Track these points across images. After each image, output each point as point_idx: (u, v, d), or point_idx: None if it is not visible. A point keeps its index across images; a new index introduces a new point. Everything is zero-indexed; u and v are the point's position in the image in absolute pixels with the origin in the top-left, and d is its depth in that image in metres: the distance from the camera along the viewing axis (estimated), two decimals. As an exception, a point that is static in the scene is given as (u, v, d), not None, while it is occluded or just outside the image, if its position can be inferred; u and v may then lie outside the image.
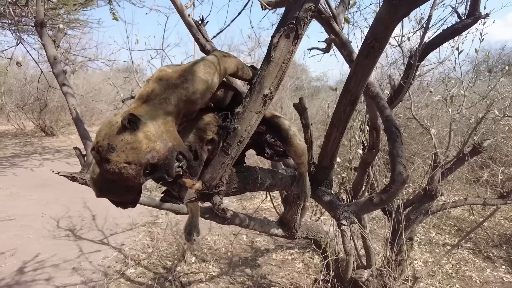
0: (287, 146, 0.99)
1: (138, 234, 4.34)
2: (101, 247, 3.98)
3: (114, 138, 0.67)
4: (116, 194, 0.77)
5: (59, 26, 1.64)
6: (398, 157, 1.04)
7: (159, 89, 0.77)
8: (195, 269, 3.63)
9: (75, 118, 1.61)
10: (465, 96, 3.10)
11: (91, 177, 0.78)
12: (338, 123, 1.02)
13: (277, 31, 0.81)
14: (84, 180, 1.60)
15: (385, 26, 0.80)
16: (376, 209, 1.27)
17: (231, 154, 0.84)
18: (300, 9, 0.79)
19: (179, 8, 1.34)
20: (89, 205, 5.20)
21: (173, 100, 0.76)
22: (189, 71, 0.80)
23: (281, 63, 0.81)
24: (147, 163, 0.68)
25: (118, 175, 0.67)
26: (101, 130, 0.70)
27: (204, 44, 1.38)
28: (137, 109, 0.75)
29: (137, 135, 0.67)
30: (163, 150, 0.69)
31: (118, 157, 0.66)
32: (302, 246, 4.28)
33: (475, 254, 4.19)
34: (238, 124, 0.83)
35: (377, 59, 0.87)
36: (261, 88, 0.82)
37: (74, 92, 1.66)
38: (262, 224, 1.98)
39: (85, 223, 4.63)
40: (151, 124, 0.70)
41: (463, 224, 4.92)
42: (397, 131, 1.09)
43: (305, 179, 1.12)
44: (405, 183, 1.04)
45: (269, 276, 3.59)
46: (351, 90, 0.93)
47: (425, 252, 4.20)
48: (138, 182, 0.69)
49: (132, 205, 0.82)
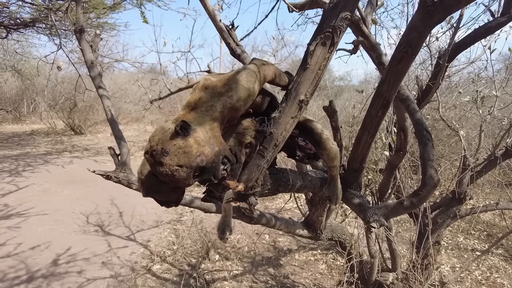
0: (320, 150, 1.01)
1: (164, 231, 4.45)
2: (128, 243, 4.12)
3: (168, 143, 0.72)
4: (163, 194, 0.82)
5: (96, 31, 1.73)
6: (429, 160, 1.04)
7: (205, 97, 0.82)
8: (219, 267, 3.69)
9: (110, 119, 1.68)
10: (497, 96, 3.00)
11: (139, 178, 0.84)
12: (369, 126, 1.03)
13: (314, 39, 0.84)
14: (118, 179, 1.68)
15: (418, 33, 0.81)
16: (406, 212, 1.27)
17: (267, 157, 0.87)
18: (337, 18, 0.82)
19: (211, 14, 1.39)
20: (116, 202, 5.38)
21: (219, 107, 0.81)
22: (232, 80, 0.85)
23: (317, 69, 0.84)
24: (197, 166, 0.73)
25: (170, 177, 0.72)
26: (154, 136, 0.75)
27: (234, 48, 1.42)
28: (186, 116, 0.80)
29: (188, 140, 0.72)
30: (210, 154, 0.74)
31: (171, 161, 0.71)
32: (325, 247, 4.27)
33: (507, 260, 4.03)
34: (274, 129, 0.87)
35: (410, 64, 0.88)
36: (297, 94, 0.86)
37: (109, 95, 1.74)
38: (287, 224, 2.00)
39: (113, 219, 4.80)
40: (200, 130, 0.75)
41: (493, 230, 4.75)
42: (428, 135, 1.09)
43: (336, 182, 1.14)
44: (437, 186, 1.04)
45: (292, 276, 3.60)
46: (384, 94, 0.93)
47: (453, 257, 4.09)
48: (188, 183, 0.74)
49: (175, 204, 0.87)
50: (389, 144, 2.66)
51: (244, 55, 1.45)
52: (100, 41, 1.75)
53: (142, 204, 5.16)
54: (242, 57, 1.45)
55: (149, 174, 0.81)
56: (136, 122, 12.76)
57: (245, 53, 1.46)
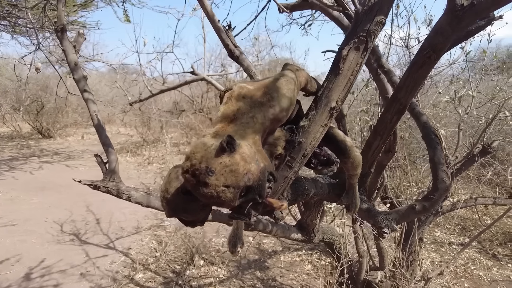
0: (345, 158, 0.97)
1: (145, 238, 4.30)
2: (107, 251, 3.94)
3: (213, 161, 0.65)
4: (191, 214, 0.75)
5: (79, 31, 1.61)
6: (440, 164, 1.04)
7: (244, 107, 0.75)
8: (204, 273, 3.61)
9: (97, 125, 1.58)
10: (473, 96, 3.12)
11: (163, 197, 0.75)
12: (382, 132, 1.01)
13: (346, 43, 0.80)
14: (107, 188, 1.57)
15: (444, 37, 0.79)
16: (417, 216, 1.27)
17: (295, 168, 0.82)
18: (372, 21, 0.78)
19: (210, 14, 1.32)
20: (92, 208, 5.15)
21: (260, 118, 0.75)
22: (272, 88, 0.79)
23: (349, 75, 0.80)
24: (244, 186, 0.66)
25: (216, 198, 0.65)
26: (195, 152, 0.67)
27: (233, 50, 1.36)
28: (225, 129, 0.73)
29: (234, 157, 0.65)
30: (256, 172, 0.67)
31: (217, 181, 0.64)
32: (310, 247, 4.28)
33: (481, 253, 4.22)
34: (303, 138, 0.82)
35: (431, 69, 0.86)
36: (328, 100, 0.81)
37: (95, 98, 1.63)
38: (283, 229, 1.97)
39: (90, 227, 4.58)
40: (244, 144, 0.68)
41: (466, 223, 4.96)
42: (437, 138, 1.09)
43: (355, 190, 1.11)
44: (448, 190, 1.04)
45: (279, 279, 3.58)
46: (401, 99, 0.91)
47: (431, 251, 4.22)
48: (233, 205, 0.67)
49: (201, 223, 0.79)
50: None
51: (243, 57, 1.40)
52: (84, 40, 1.63)
53: (120, 210, 4.96)
54: (241, 59, 1.40)
55: (177, 193, 0.73)
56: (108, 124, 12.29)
57: (243, 54, 1.41)
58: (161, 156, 8.30)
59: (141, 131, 9.59)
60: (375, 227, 1.08)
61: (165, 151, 8.46)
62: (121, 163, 7.92)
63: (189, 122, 9.65)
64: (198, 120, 9.51)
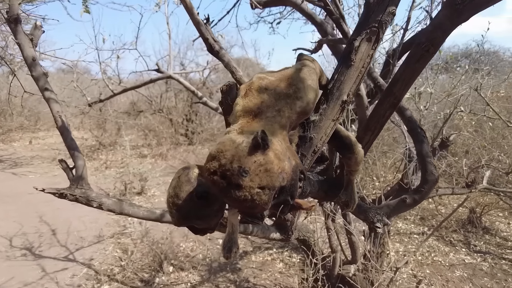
0: (350, 154, 0.94)
1: (108, 247, 4.04)
2: (67, 264, 3.65)
3: (246, 160, 0.57)
4: (205, 220, 0.66)
5: (36, 22, 1.44)
6: (428, 157, 1.05)
7: (269, 100, 0.69)
8: (175, 279, 3.47)
9: (61, 126, 1.43)
10: (432, 93, 3.29)
11: (173, 203, 0.66)
12: (374, 126, 1.00)
13: (358, 34, 0.77)
14: (75, 196, 1.43)
15: (443, 31, 0.79)
16: (408, 209, 1.28)
17: (305, 165, 0.78)
18: (384, 12, 0.76)
19: (189, 6, 1.24)
20: (46, 219, 4.75)
21: (287, 112, 0.68)
22: (297, 78, 0.72)
23: (360, 67, 0.77)
24: (279, 186, 0.59)
25: (250, 202, 0.57)
26: (223, 151, 0.59)
27: (213, 44, 1.29)
28: (251, 124, 0.65)
29: (268, 155, 0.58)
30: (289, 170, 0.61)
31: (252, 182, 0.56)
32: (280, 245, 4.29)
33: (439, 240, 4.49)
34: (314, 133, 0.77)
35: (427, 62, 0.86)
36: (340, 94, 0.77)
37: (57, 98, 1.48)
38: (263, 229, 1.93)
39: (44, 239, 4.22)
40: (275, 141, 0.61)
41: (425, 213, 5.25)
42: (423, 132, 1.10)
43: (354, 186, 1.09)
44: (437, 182, 1.06)
45: (252, 279, 3.54)
46: (395, 93, 0.91)
47: (395, 242, 4.42)
48: (266, 209, 0.60)
49: (212, 230, 0.71)
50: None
51: (223, 52, 1.33)
52: (42, 33, 1.46)
53: (79, 218, 4.63)
54: (221, 54, 1.33)
55: (190, 198, 0.65)
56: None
57: (223, 49, 1.34)
58: (120, 159, 7.90)
59: (97, 134, 9.06)
60: (366, 222, 1.08)
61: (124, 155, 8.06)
62: (76, 168, 7.42)
63: (148, 123, 9.27)
64: (157, 121, 9.16)
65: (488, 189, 3.29)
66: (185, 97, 9.08)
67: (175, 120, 8.99)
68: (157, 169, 6.83)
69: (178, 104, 9.25)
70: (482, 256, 4.11)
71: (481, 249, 4.27)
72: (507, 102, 5.17)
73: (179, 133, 9.19)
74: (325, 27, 1.96)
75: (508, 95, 5.13)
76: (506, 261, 3.99)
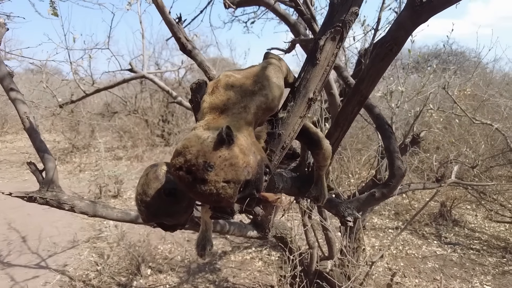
0: (318, 150, 0.97)
1: (83, 252, 3.93)
2: (38, 271, 3.52)
3: (211, 155, 0.59)
4: (174, 217, 0.67)
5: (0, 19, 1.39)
6: (395, 152, 1.10)
7: (235, 97, 0.70)
8: (153, 282, 3.42)
9: (29, 128, 1.39)
10: (403, 91, 3.41)
11: (142, 200, 0.67)
12: (343, 123, 1.03)
13: (323, 34, 0.80)
14: (45, 199, 1.39)
15: (405, 31, 0.83)
16: (378, 203, 1.33)
17: (274, 161, 0.80)
18: (347, 12, 0.79)
19: (160, 5, 1.23)
20: (15, 225, 4.55)
21: (253, 108, 0.70)
22: (262, 76, 0.75)
23: (326, 65, 0.80)
24: (244, 180, 0.60)
25: (215, 196, 0.59)
26: (189, 147, 0.60)
27: (185, 43, 1.29)
28: (218, 121, 0.67)
29: (233, 149, 0.60)
30: (254, 164, 0.62)
31: (217, 176, 0.58)
32: (259, 244, 4.31)
33: (412, 233, 4.65)
34: (282, 130, 0.79)
35: (391, 61, 0.90)
36: (306, 91, 0.80)
37: (24, 98, 1.43)
38: (240, 228, 1.94)
39: (13, 247, 4.04)
40: (240, 136, 0.63)
41: (399, 208, 5.43)
42: (390, 128, 1.15)
43: (323, 181, 1.12)
44: (404, 176, 1.10)
45: (231, 279, 3.54)
46: (362, 90, 0.94)
47: (371, 237, 4.54)
48: (232, 202, 0.61)
49: (182, 226, 0.72)
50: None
51: (196, 51, 1.33)
52: (6, 31, 1.41)
53: (51, 224, 4.48)
54: (194, 53, 1.32)
55: (158, 194, 0.66)
56: (28, 130, 11.03)
57: (196, 49, 1.34)
58: (94, 162, 7.68)
59: (69, 136, 8.77)
60: (338, 216, 1.11)
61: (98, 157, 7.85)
62: (48, 172, 7.15)
63: (123, 124, 9.05)
64: (132, 122, 8.97)
65: (457, 183, 3.44)
66: (160, 97, 8.94)
67: (151, 121, 8.83)
68: (132, 171, 6.71)
69: (153, 104, 9.10)
70: (452, 247, 4.29)
71: (451, 240, 4.46)
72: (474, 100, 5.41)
73: (155, 134, 9.03)
74: (298, 27, 1.99)
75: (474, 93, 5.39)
76: (474, 251, 4.18)
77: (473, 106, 5.26)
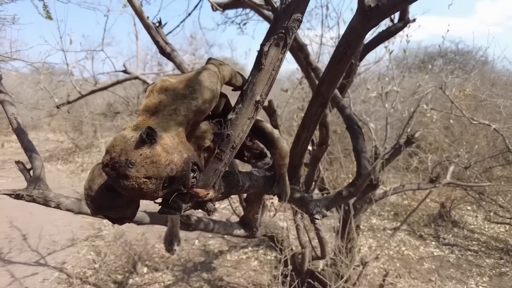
0: (273, 149, 1.01)
1: (81, 250, 3.99)
2: (37, 269, 3.59)
3: (133, 153, 0.64)
4: (117, 211, 0.73)
5: (-14, 24, 1.44)
6: (362, 152, 1.12)
7: (167, 100, 0.75)
8: (149, 280, 3.46)
9: (17, 128, 1.43)
10: (398, 92, 3.41)
11: (87, 194, 0.73)
12: (309, 124, 1.06)
13: (267, 40, 0.84)
14: (32, 197, 1.43)
15: (357, 35, 0.86)
16: (345, 201, 1.35)
17: (224, 160, 0.83)
18: (289, 19, 0.82)
19: (138, 10, 1.26)
20: (17, 224, 4.64)
21: (183, 110, 0.75)
22: (195, 81, 0.79)
23: (271, 70, 0.84)
24: (167, 176, 0.65)
25: (138, 190, 0.64)
26: (114, 146, 0.66)
27: (164, 46, 1.32)
28: (147, 122, 0.72)
29: (155, 148, 0.65)
30: (180, 162, 0.67)
31: (138, 173, 0.63)
32: (256, 244, 4.33)
33: (410, 234, 4.64)
34: (231, 131, 0.83)
35: (348, 64, 0.92)
36: (253, 94, 0.84)
37: (12, 99, 1.47)
38: (225, 226, 1.97)
39: (14, 244, 4.12)
40: (166, 136, 0.68)
41: (398, 209, 5.41)
42: (359, 129, 1.17)
43: (285, 179, 1.15)
44: (370, 176, 1.12)
45: (226, 278, 3.57)
46: (323, 93, 0.97)
47: (369, 238, 4.53)
48: (156, 196, 0.67)
49: (130, 219, 0.77)
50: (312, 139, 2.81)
51: (174, 54, 1.36)
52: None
53: (52, 222, 4.55)
54: (172, 55, 1.36)
55: (101, 190, 0.72)
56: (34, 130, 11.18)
57: (175, 51, 1.37)
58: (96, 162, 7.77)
59: (73, 136, 8.89)
60: (307, 214, 1.13)
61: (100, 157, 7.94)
62: (51, 171, 7.27)
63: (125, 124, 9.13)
64: (136, 122, 9.05)
65: (452, 183, 3.42)
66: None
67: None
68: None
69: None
70: (449, 248, 4.27)
71: (449, 241, 4.44)
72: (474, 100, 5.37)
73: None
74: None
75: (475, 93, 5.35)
76: (472, 252, 4.16)
77: (473, 106, 5.23)
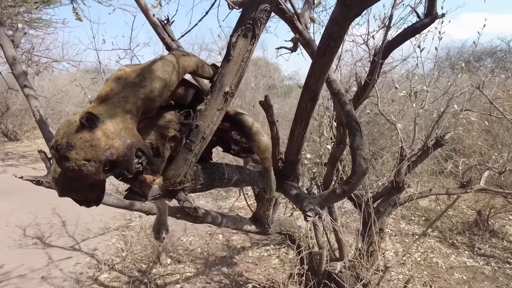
0: (251, 142, 1.02)
1: (111, 238, 4.24)
2: (72, 253, 3.86)
3: (73, 137, 0.69)
4: (79, 193, 0.79)
5: (18, 25, 1.58)
6: (358, 149, 1.09)
7: (117, 88, 0.79)
8: (171, 271, 3.59)
9: (39, 120, 1.56)
10: (428, 91, 3.25)
11: (53, 177, 0.79)
12: (301, 119, 1.05)
13: (235, 31, 0.84)
14: (51, 184, 1.56)
15: (339, 26, 0.84)
16: (339, 199, 1.33)
17: (195, 150, 0.86)
18: (256, 9, 0.83)
19: (144, 8, 1.33)
20: (58, 211, 5.01)
21: (132, 98, 0.78)
22: (147, 70, 0.82)
23: (240, 61, 0.85)
24: (106, 160, 0.70)
25: (78, 172, 0.69)
26: (59, 129, 0.71)
27: (170, 43, 1.37)
28: (96, 108, 0.76)
29: (95, 133, 0.69)
30: (122, 147, 0.71)
31: (77, 155, 0.68)
32: (278, 242, 4.34)
33: (441, 242, 4.40)
34: (200, 121, 0.86)
35: (333, 57, 0.91)
36: (221, 85, 0.85)
37: (36, 94, 1.61)
38: (234, 221, 2.00)
39: (55, 230, 4.46)
40: (109, 122, 0.72)
41: (430, 214, 5.15)
42: (357, 125, 1.14)
43: (269, 174, 1.16)
44: (365, 174, 1.09)
45: (245, 274, 3.61)
46: (311, 87, 0.96)
47: (396, 242, 4.36)
48: (98, 178, 0.71)
49: (95, 203, 0.83)
50: (330, 138, 2.77)
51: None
52: (24, 35, 1.60)
53: (88, 212, 4.86)
54: (178, 52, 1.41)
55: (63, 173, 0.77)
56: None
57: (181, 47, 1.42)
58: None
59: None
60: (301, 210, 1.13)
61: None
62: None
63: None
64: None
65: (484, 190, 3.21)
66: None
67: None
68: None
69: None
70: (485, 259, 4.00)
71: (486, 252, 4.15)
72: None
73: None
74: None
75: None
76: (511, 265, 3.86)
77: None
